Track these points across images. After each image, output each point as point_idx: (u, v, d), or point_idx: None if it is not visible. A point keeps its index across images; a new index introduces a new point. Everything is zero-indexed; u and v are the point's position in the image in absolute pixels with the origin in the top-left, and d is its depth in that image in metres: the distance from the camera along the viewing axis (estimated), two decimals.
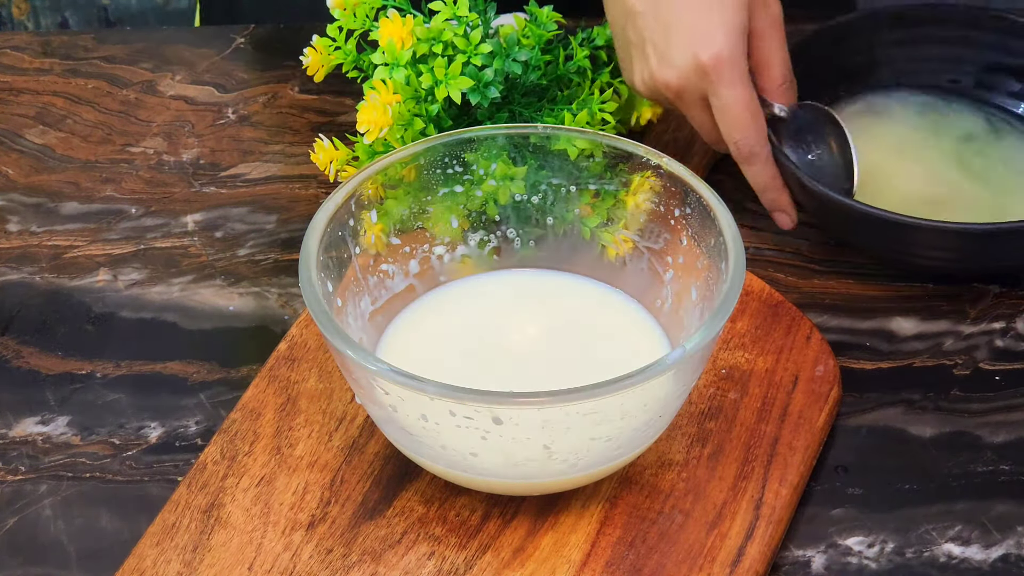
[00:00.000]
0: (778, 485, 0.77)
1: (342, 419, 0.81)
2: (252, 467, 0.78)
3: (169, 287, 0.93)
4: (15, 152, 1.05)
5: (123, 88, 1.10)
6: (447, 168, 0.82)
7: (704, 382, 0.82)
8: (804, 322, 0.86)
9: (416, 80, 0.87)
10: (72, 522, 0.79)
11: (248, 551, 0.74)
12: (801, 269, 0.93)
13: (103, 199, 1.00)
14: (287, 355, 0.84)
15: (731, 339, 0.84)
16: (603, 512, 0.76)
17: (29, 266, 0.95)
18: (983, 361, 0.87)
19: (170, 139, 1.05)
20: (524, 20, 0.92)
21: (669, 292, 0.81)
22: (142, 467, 0.82)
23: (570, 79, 0.94)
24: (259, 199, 1.00)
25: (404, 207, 0.82)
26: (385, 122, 0.86)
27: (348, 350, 0.71)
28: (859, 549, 0.77)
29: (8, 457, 0.82)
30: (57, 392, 0.86)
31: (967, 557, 0.76)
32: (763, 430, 0.80)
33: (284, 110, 1.08)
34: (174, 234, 0.97)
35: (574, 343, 0.81)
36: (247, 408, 0.82)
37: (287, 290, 0.93)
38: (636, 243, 0.82)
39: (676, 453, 0.79)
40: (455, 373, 0.75)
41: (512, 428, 0.70)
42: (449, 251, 0.84)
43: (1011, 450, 0.81)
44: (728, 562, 0.74)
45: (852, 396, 0.84)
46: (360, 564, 0.74)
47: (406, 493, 0.77)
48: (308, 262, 0.75)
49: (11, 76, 1.12)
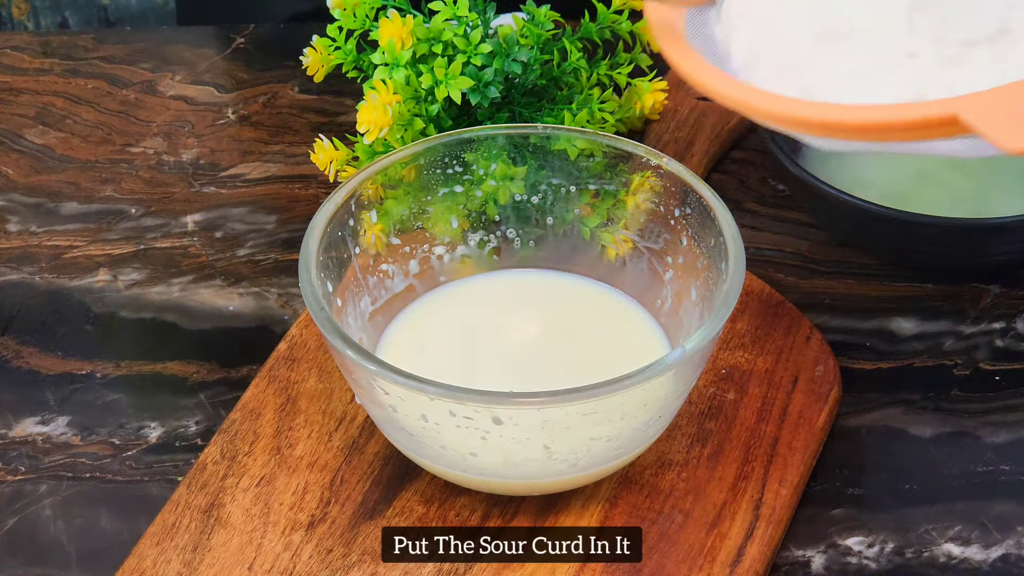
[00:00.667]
0: (778, 485, 0.77)
1: (342, 419, 0.81)
2: (252, 467, 0.78)
3: (169, 287, 0.93)
4: (15, 152, 1.05)
5: (123, 88, 1.10)
6: (447, 168, 0.82)
7: (704, 382, 0.82)
8: (804, 322, 0.86)
9: (416, 80, 0.87)
10: (72, 522, 0.79)
11: (248, 551, 0.74)
12: (801, 269, 0.93)
13: (103, 199, 1.00)
14: (287, 355, 0.84)
15: (731, 339, 0.84)
16: (603, 512, 0.76)
17: (29, 266, 0.95)
18: (983, 361, 0.87)
19: (170, 139, 1.05)
20: (522, 20, 0.92)
21: (669, 292, 0.81)
22: (142, 467, 0.82)
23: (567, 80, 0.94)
24: (259, 199, 1.00)
25: (404, 207, 0.82)
26: (385, 122, 0.86)
27: (348, 350, 0.71)
28: (859, 549, 0.77)
29: (8, 457, 0.82)
30: (57, 392, 0.86)
31: (967, 557, 0.76)
32: (763, 430, 0.80)
33: (284, 110, 1.08)
34: (174, 234, 0.97)
35: (574, 343, 0.81)
36: (247, 408, 0.82)
37: (287, 290, 0.93)
38: (636, 243, 0.82)
39: (676, 453, 0.79)
40: (455, 373, 0.75)
41: (512, 428, 0.70)
42: (449, 251, 0.84)
43: (1011, 450, 0.81)
44: (728, 562, 0.74)
45: (852, 396, 0.84)
46: (360, 564, 0.74)
47: (406, 493, 0.77)
48: (308, 262, 0.75)
49: (11, 76, 1.12)
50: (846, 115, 0.64)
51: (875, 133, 0.63)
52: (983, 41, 0.67)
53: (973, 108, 0.59)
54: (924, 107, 0.61)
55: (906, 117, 0.61)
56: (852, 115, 0.64)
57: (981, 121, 0.59)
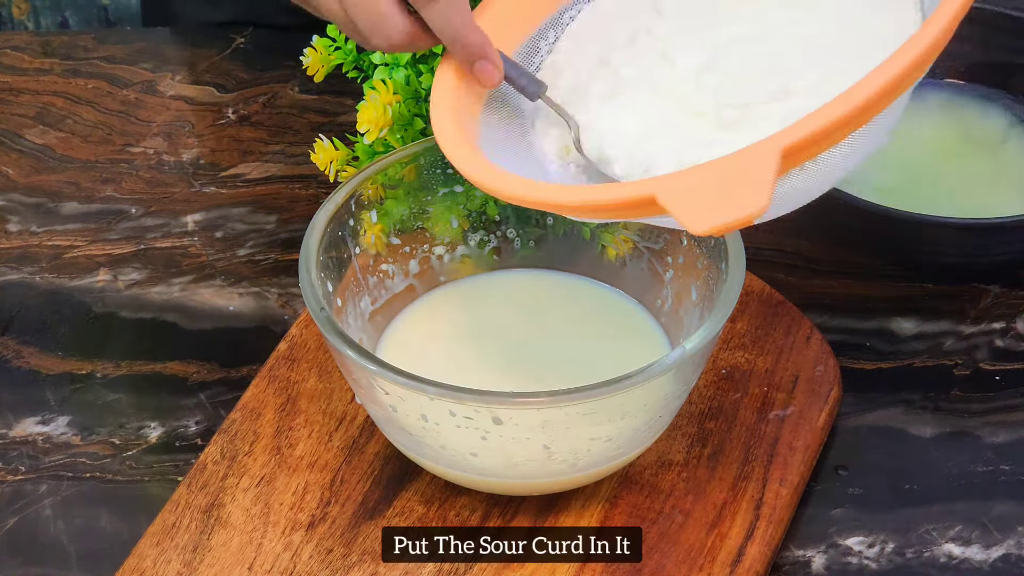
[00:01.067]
0: (778, 485, 0.77)
1: (342, 419, 0.81)
2: (252, 467, 0.78)
3: (169, 287, 0.93)
4: (15, 152, 1.05)
5: (123, 88, 1.10)
6: (447, 168, 0.82)
7: (704, 382, 0.82)
8: (804, 322, 0.86)
9: (416, 80, 0.87)
10: (72, 522, 0.79)
11: (248, 551, 0.74)
12: (801, 269, 0.93)
13: (103, 199, 1.00)
14: (287, 355, 0.84)
15: (731, 339, 0.84)
16: (603, 512, 0.76)
17: (29, 266, 0.95)
18: (983, 361, 0.87)
19: (170, 139, 1.05)
20: None
21: (669, 292, 0.81)
22: (142, 467, 0.82)
23: None
24: (259, 199, 1.00)
25: (404, 207, 0.82)
26: (385, 122, 0.86)
27: (348, 350, 0.71)
28: (859, 549, 0.77)
29: (8, 457, 0.82)
30: (57, 392, 0.86)
31: (967, 557, 0.76)
32: (763, 430, 0.80)
33: (284, 110, 1.08)
34: (174, 234, 0.97)
35: (574, 343, 0.81)
36: (247, 408, 0.82)
37: (287, 290, 0.93)
38: (636, 243, 0.82)
39: (676, 453, 0.79)
40: (455, 373, 0.75)
41: (512, 428, 0.70)
42: (449, 251, 0.84)
43: (1011, 450, 0.81)
44: (728, 562, 0.73)
45: (852, 396, 0.84)
46: (360, 564, 0.74)
47: (406, 493, 0.77)
48: (308, 262, 0.75)
49: (11, 76, 1.12)
50: (565, 196, 0.66)
51: (590, 212, 0.66)
52: (763, 103, 0.69)
53: (668, 189, 0.61)
54: (627, 188, 0.64)
55: (613, 198, 0.63)
56: (571, 196, 0.66)
57: (672, 202, 0.60)
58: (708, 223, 0.59)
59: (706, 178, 0.61)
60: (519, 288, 0.84)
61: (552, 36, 0.79)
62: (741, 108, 0.70)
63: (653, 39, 0.75)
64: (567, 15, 0.79)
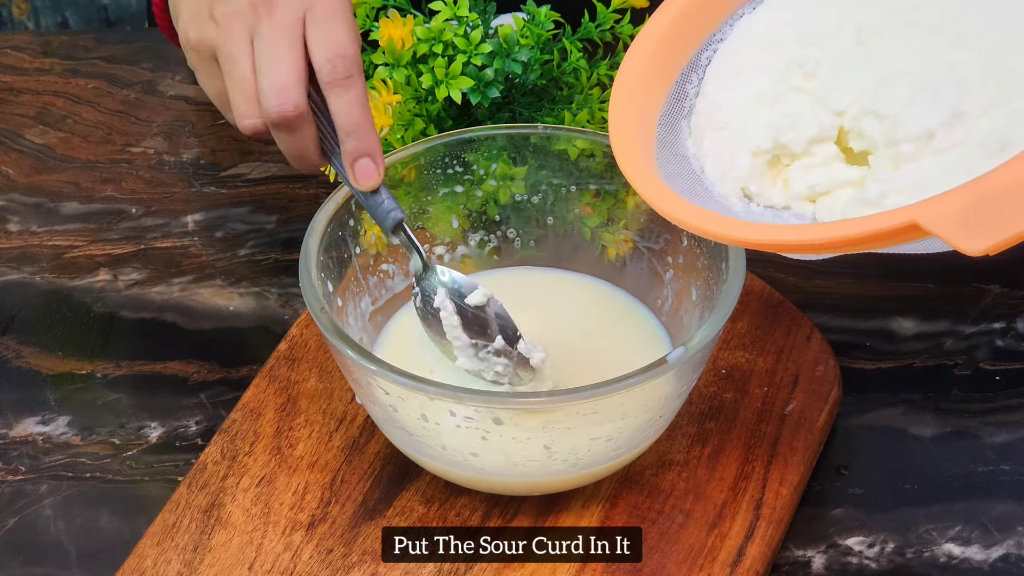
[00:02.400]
0: (778, 485, 0.77)
1: (342, 419, 0.81)
2: (252, 467, 0.78)
3: (169, 287, 0.93)
4: (15, 152, 1.05)
5: (123, 88, 1.10)
6: (447, 168, 0.82)
7: (704, 382, 0.82)
8: (804, 322, 0.86)
9: (416, 80, 0.87)
10: (72, 522, 0.79)
11: (248, 551, 0.74)
12: (801, 269, 0.93)
13: (103, 199, 1.01)
14: (287, 355, 0.84)
15: (731, 339, 0.84)
16: (603, 512, 0.76)
17: (29, 266, 0.95)
18: (983, 361, 0.87)
19: (170, 139, 1.05)
20: (523, 20, 0.92)
21: (669, 292, 0.81)
22: (142, 467, 0.82)
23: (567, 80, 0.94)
24: (259, 199, 1.00)
25: (404, 207, 0.82)
26: (385, 122, 0.86)
27: (348, 350, 0.71)
28: (859, 549, 0.77)
29: (8, 457, 0.82)
30: (57, 392, 0.86)
31: (967, 557, 0.76)
32: (763, 430, 0.80)
33: None
34: (174, 234, 0.97)
35: (574, 343, 0.81)
36: (247, 408, 0.82)
37: (287, 290, 0.93)
38: (636, 243, 0.82)
39: (676, 453, 0.79)
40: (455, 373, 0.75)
41: (512, 428, 0.70)
42: (449, 251, 0.84)
43: (1011, 450, 0.81)
44: (728, 562, 0.74)
45: (852, 396, 0.84)
46: (360, 564, 0.74)
47: (406, 493, 0.77)
48: (308, 262, 0.75)
49: (11, 76, 1.12)
50: (817, 234, 0.66)
51: (848, 246, 0.66)
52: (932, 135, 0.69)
53: (928, 213, 0.61)
54: (888, 217, 0.64)
55: (873, 229, 0.63)
56: (822, 233, 0.66)
57: (939, 226, 0.61)
58: (985, 242, 0.59)
59: (965, 199, 0.61)
60: (519, 288, 0.84)
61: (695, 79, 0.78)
62: (924, 138, 0.69)
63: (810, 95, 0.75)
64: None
